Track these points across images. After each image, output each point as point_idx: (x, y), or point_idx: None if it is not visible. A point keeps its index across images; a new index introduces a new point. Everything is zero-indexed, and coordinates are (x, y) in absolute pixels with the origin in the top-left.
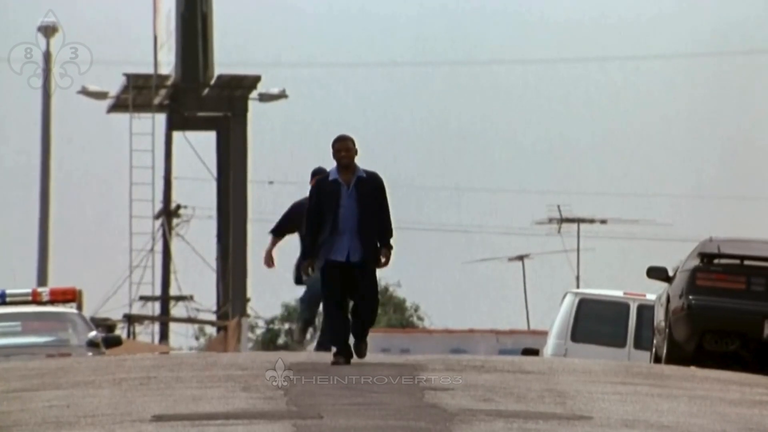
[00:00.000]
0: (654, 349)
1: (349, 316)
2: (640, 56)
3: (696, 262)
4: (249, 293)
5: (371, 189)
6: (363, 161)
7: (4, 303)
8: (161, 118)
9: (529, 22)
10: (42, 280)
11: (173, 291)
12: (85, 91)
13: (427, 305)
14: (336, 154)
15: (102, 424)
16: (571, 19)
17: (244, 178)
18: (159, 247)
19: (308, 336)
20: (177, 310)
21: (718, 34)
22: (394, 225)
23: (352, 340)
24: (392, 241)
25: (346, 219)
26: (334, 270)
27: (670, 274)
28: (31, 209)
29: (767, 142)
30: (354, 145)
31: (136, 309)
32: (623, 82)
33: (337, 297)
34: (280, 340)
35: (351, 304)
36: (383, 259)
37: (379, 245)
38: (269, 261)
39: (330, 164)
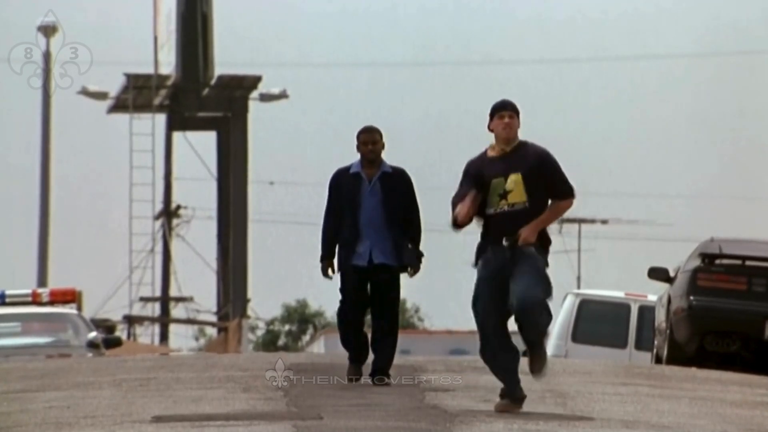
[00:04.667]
0: (655, 350)
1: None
2: (640, 56)
3: (697, 262)
4: (249, 294)
5: (398, 186)
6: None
7: (4, 304)
8: (161, 119)
9: (529, 22)
10: (42, 280)
11: (173, 292)
12: (85, 92)
13: (427, 306)
14: (362, 146)
15: (102, 424)
16: (571, 19)
17: (244, 178)
18: (159, 247)
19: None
20: (177, 311)
21: (718, 34)
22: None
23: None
24: (421, 247)
25: (368, 218)
26: (354, 277)
27: (671, 274)
28: (31, 209)
29: (767, 142)
30: (381, 137)
31: (136, 310)
32: (623, 82)
33: (355, 308)
34: (281, 341)
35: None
36: (411, 271)
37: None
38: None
39: (348, 158)
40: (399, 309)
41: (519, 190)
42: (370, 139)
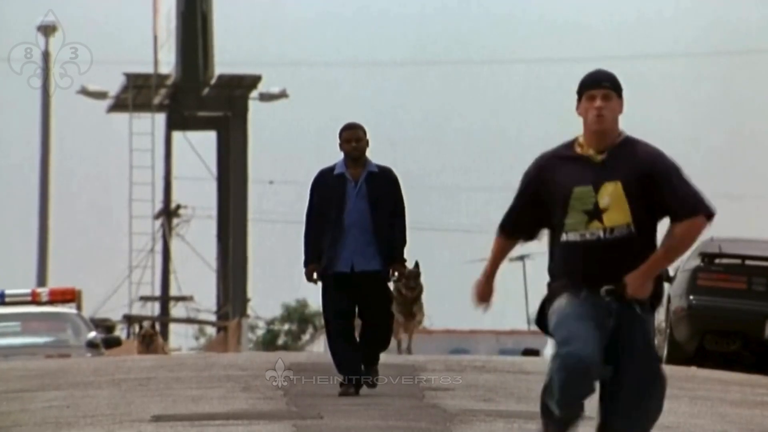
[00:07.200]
0: None
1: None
2: (640, 56)
3: (697, 261)
4: (249, 293)
5: (385, 187)
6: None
7: (4, 303)
8: (161, 118)
9: (529, 22)
10: (41, 280)
11: (173, 291)
12: (84, 91)
13: (427, 305)
14: (345, 144)
15: (101, 424)
16: (571, 19)
17: (244, 178)
18: (159, 247)
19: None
20: (177, 310)
21: (718, 34)
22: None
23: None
24: (405, 253)
25: (353, 221)
26: (338, 284)
27: (671, 273)
28: (31, 209)
29: (767, 142)
30: (365, 134)
31: (136, 309)
32: (623, 82)
33: (342, 317)
34: (280, 341)
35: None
36: (397, 274)
37: (391, 257)
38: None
39: (333, 160)
40: (389, 313)
41: (620, 208)
42: (353, 137)
